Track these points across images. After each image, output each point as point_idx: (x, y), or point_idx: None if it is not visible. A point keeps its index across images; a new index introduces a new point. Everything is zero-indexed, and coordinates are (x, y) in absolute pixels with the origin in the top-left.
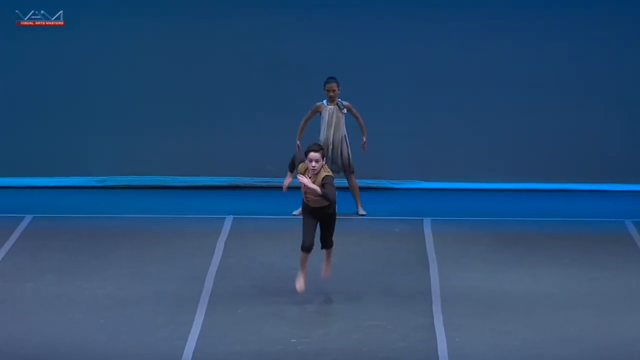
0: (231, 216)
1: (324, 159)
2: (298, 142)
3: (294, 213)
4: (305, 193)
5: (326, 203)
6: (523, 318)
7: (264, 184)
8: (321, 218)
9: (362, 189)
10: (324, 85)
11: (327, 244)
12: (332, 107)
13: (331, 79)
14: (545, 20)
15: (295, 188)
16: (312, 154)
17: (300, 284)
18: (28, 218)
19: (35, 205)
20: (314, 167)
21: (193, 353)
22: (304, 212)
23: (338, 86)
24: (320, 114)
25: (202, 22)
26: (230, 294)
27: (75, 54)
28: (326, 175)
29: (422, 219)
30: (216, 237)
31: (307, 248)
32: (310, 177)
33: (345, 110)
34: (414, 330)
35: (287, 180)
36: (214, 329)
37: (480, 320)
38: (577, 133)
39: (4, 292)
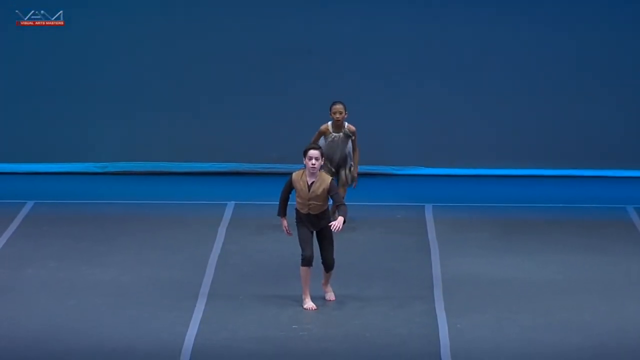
0: (233, 202)
1: (323, 157)
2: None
3: (284, 229)
4: (309, 200)
5: (324, 209)
6: (524, 304)
7: (266, 170)
8: (317, 227)
9: (363, 175)
10: (330, 108)
11: (329, 264)
12: (338, 135)
13: (337, 101)
14: (549, 6)
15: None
16: (312, 152)
17: (309, 303)
18: (30, 204)
19: (37, 192)
20: (313, 165)
21: (195, 339)
22: (298, 223)
23: (345, 110)
24: (325, 137)
25: (204, 8)
26: (232, 281)
27: (75, 42)
28: (332, 181)
29: (424, 205)
30: (218, 224)
31: (307, 260)
32: (309, 182)
33: (353, 137)
34: (415, 316)
35: (284, 223)
36: (216, 315)
37: (482, 306)
38: (579, 119)
39: (6, 278)
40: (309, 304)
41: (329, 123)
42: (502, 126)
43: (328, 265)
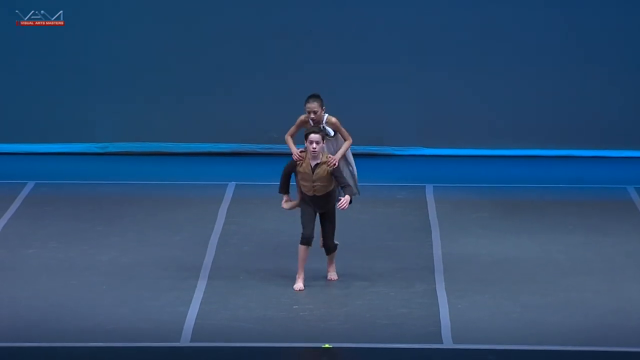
0: (234, 183)
1: (324, 140)
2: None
3: (283, 206)
4: (314, 182)
5: (329, 190)
6: (525, 284)
7: (266, 151)
8: (321, 209)
9: (364, 155)
10: (304, 105)
11: (330, 246)
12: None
13: (312, 97)
14: None
15: (285, 153)
16: (313, 136)
17: (298, 284)
18: (30, 184)
19: (38, 172)
20: (314, 149)
21: (195, 319)
22: (302, 202)
23: (321, 106)
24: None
25: None
26: (232, 261)
27: (77, 30)
28: (338, 169)
29: (424, 186)
30: (219, 204)
31: (306, 239)
32: (312, 165)
33: (332, 134)
34: (416, 296)
35: (291, 204)
36: (217, 296)
37: (482, 286)
38: (580, 99)
39: (7, 258)
40: (298, 284)
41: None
42: (503, 106)
43: (328, 247)
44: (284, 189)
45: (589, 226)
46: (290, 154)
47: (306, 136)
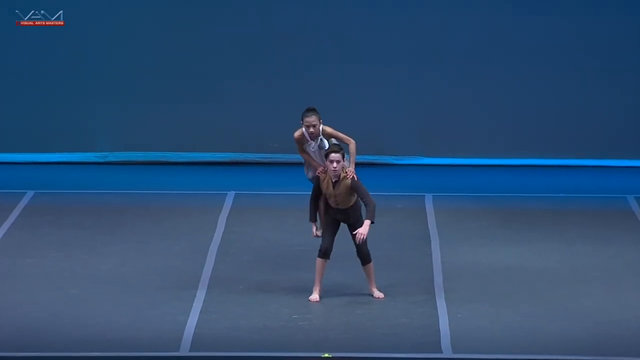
0: (233, 192)
1: (344, 158)
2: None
3: (314, 235)
4: (335, 196)
5: (353, 201)
6: (525, 293)
7: (265, 160)
8: (346, 221)
9: (363, 164)
10: (302, 119)
11: (362, 257)
12: (313, 142)
13: (309, 111)
14: None
15: (299, 164)
16: (333, 155)
17: (314, 295)
18: (29, 194)
19: (37, 181)
20: (334, 168)
21: (195, 328)
22: (325, 215)
23: (319, 119)
24: (304, 146)
25: None
26: (232, 270)
27: (76, 36)
28: (357, 184)
29: (424, 195)
30: (218, 213)
31: (323, 251)
32: (333, 180)
33: (327, 147)
34: (416, 306)
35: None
36: (216, 305)
37: (482, 295)
38: (580, 109)
39: (7, 267)
40: (313, 295)
41: (303, 129)
42: (503, 116)
43: (361, 258)
44: (313, 216)
45: (588, 236)
46: (292, 163)
47: (326, 155)
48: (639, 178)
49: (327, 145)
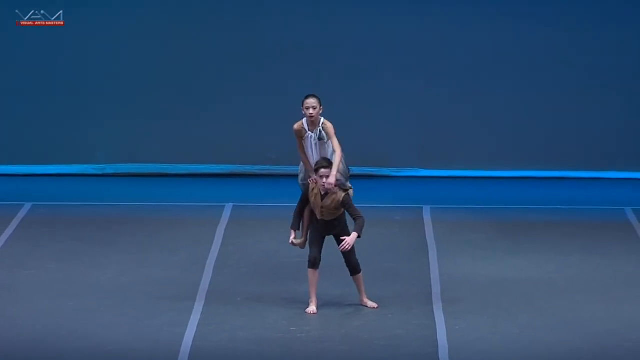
0: (231, 204)
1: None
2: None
3: (291, 242)
4: (322, 207)
5: (339, 214)
6: (523, 305)
7: (263, 172)
8: (330, 232)
9: (362, 176)
10: (302, 103)
11: (352, 267)
12: (312, 134)
13: (310, 95)
14: (549, 7)
15: (293, 176)
16: (323, 171)
17: (310, 307)
18: (27, 206)
19: (35, 193)
20: (324, 183)
21: (193, 340)
22: (311, 226)
23: (319, 104)
24: (302, 139)
25: (200, 10)
26: (230, 282)
27: (74, 45)
28: (345, 196)
29: (422, 207)
30: (216, 225)
31: (312, 261)
32: (322, 194)
33: (326, 140)
34: (414, 317)
35: (299, 241)
36: (214, 317)
37: (480, 307)
38: (578, 121)
39: (5, 279)
40: (310, 307)
41: (303, 120)
42: (501, 128)
43: (350, 268)
44: (296, 224)
45: (586, 247)
46: (290, 175)
47: (316, 170)
48: (636, 190)
49: (325, 138)
